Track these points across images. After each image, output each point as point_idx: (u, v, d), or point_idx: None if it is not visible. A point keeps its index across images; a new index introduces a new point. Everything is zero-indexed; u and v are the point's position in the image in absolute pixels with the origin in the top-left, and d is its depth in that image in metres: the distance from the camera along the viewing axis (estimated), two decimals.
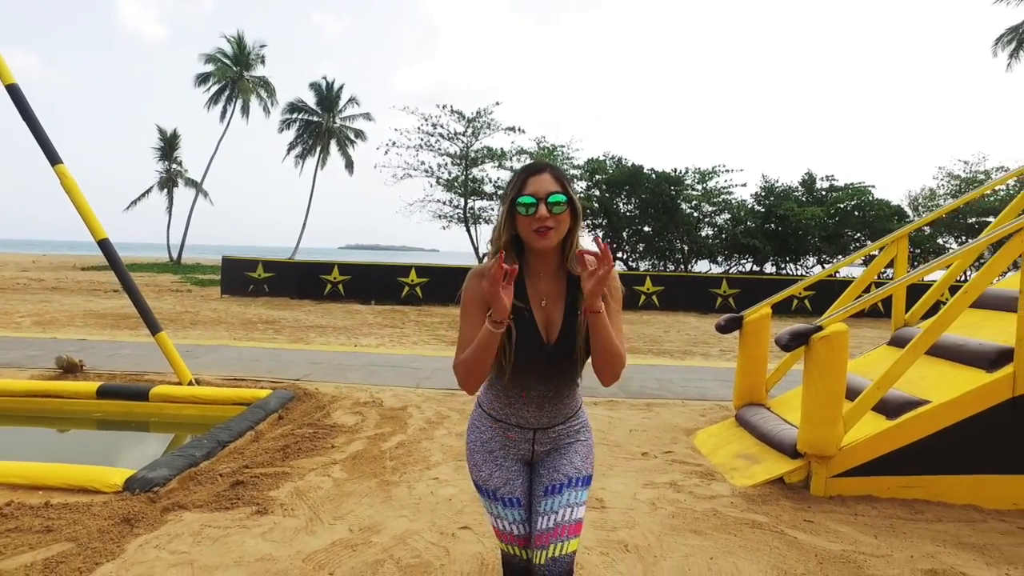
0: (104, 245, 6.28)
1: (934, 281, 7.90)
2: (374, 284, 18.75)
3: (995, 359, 4.14)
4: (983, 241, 4.36)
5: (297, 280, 18.99)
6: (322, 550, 3.11)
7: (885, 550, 3.33)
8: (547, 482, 1.88)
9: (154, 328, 6.33)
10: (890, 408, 4.21)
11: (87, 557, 2.91)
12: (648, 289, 18.86)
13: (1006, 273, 6.28)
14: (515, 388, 1.86)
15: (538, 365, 1.81)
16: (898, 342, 5.28)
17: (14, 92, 5.94)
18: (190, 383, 6.23)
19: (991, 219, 21.28)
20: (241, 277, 19.13)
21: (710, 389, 7.18)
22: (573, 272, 1.80)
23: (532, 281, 1.82)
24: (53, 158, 6.13)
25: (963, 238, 24.74)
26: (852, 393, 4.32)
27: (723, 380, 7.56)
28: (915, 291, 6.55)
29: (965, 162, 27.17)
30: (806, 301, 18.22)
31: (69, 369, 6.64)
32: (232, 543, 3.14)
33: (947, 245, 25.07)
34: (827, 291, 16.81)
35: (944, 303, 4.22)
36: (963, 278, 12.85)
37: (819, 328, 4.06)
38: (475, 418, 1.98)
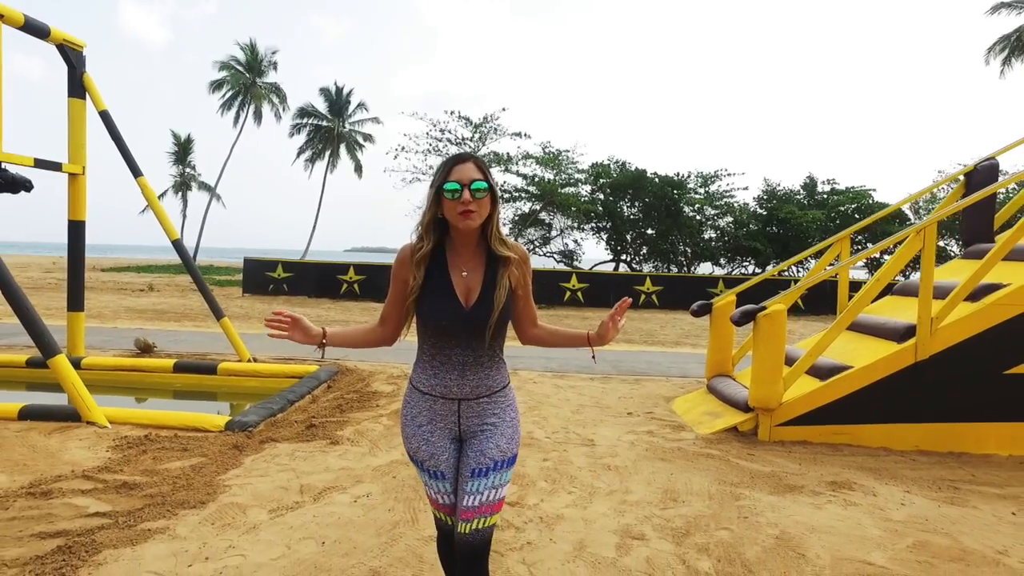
0: (177, 245, 7.44)
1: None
2: (387, 283, 19.77)
3: (904, 333, 5.24)
4: (891, 240, 5.47)
5: (315, 280, 20.11)
6: (384, 464, 4.24)
7: (803, 471, 4.44)
8: (474, 464, 1.99)
9: (219, 314, 7.50)
10: (822, 372, 5.31)
11: (219, 465, 4.06)
12: (648, 289, 19.92)
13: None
14: (438, 354, 1.99)
15: (456, 328, 1.95)
16: None
17: (105, 117, 7.10)
18: (249, 360, 7.38)
19: None
20: (262, 277, 20.26)
21: (691, 369, 8.30)
22: (496, 252, 1.99)
23: (453, 255, 2.00)
24: (135, 171, 7.29)
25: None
26: (795, 362, 5.42)
27: (704, 363, 8.65)
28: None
29: (964, 166, 27.82)
30: (799, 300, 19.28)
31: (145, 349, 7.80)
32: (318, 460, 4.28)
33: (947, 247, 25.87)
34: (819, 290, 17.85)
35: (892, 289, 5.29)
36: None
37: (763, 308, 5.18)
38: (406, 393, 2.10)
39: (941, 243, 25.84)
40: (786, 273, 26.21)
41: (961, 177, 6.58)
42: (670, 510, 3.68)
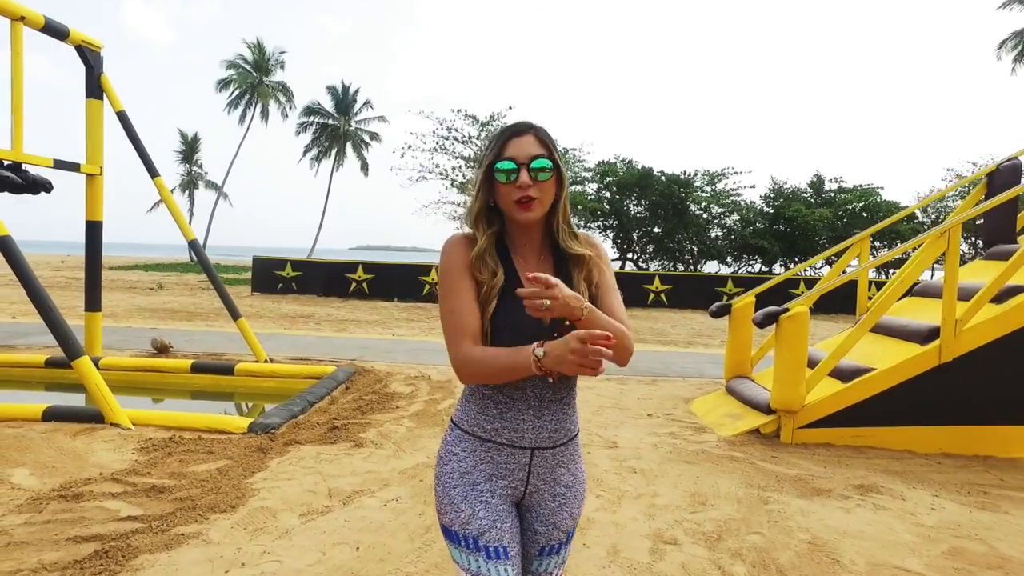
0: (193, 245, 7.45)
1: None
2: (397, 282, 19.85)
3: (927, 335, 5.20)
4: (913, 241, 5.43)
5: (324, 279, 20.12)
6: (410, 467, 4.24)
7: (829, 474, 4.42)
8: (544, 541, 1.60)
9: (235, 315, 7.50)
10: (844, 374, 5.29)
11: (244, 468, 4.06)
12: (657, 288, 19.89)
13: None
14: (507, 387, 1.52)
15: None
16: None
17: (122, 118, 7.10)
18: (266, 361, 7.39)
19: None
20: (271, 275, 20.29)
21: (707, 370, 8.28)
22: (566, 249, 1.56)
23: (519, 255, 1.58)
24: (152, 172, 7.29)
25: (970, 238, 25.50)
26: (817, 364, 5.40)
27: (719, 363, 8.61)
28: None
29: (974, 164, 27.63)
30: None
31: (162, 349, 7.81)
32: (343, 462, 4.27)
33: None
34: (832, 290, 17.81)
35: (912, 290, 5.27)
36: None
37: (786, 310, 5.15)
38: (451, 443, 1.58)
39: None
40: (797, 274, 26.21)
41: (984, 178, 6.53)
42: (699, 514, 3.67)
